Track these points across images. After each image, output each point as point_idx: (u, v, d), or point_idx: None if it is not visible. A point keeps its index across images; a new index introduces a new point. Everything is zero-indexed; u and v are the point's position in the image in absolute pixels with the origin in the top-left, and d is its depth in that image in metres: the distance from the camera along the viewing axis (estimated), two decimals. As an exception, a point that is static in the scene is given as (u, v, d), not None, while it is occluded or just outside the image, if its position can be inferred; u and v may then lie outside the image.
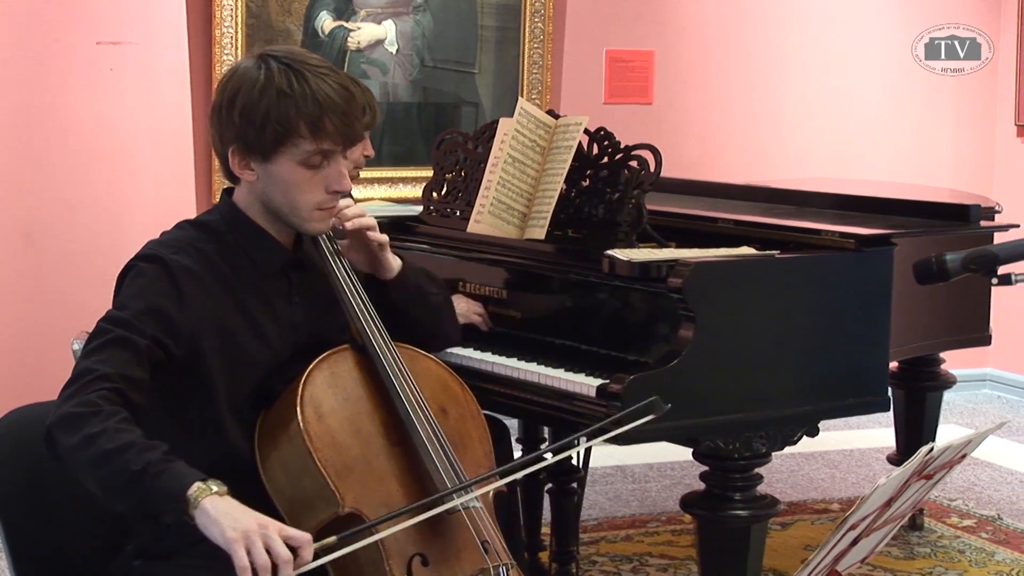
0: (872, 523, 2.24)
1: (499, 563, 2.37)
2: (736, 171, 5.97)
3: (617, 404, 2.77)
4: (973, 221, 3.92)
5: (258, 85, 2.36)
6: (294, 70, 2.36)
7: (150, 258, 2.37)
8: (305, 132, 2.35)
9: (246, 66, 2.41)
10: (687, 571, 4.22)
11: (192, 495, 2.09)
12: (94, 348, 2.25)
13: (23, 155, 5.35)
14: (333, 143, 2.38)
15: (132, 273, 2.36)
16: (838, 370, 3.13)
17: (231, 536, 2.05)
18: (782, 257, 3.10)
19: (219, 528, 2.06)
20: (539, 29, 6.01)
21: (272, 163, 2.38)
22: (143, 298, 2.31)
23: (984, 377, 6.94)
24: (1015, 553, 4.48)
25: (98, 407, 2.17)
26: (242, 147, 2.38)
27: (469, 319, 3.23)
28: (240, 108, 2.36)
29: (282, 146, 2.36)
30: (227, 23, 5.52)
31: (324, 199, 2.42)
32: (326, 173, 2.40)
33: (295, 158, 2.37)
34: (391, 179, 5.83)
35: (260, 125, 2.35)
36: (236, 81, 2.39)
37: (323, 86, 2.36)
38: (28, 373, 5.30)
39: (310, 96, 2.34)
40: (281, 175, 2.38)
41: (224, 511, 2.08)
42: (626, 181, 3.18)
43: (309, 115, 2.34)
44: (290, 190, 2.40)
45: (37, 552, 2.51)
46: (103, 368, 2.21)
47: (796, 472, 5.40)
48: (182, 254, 2.37)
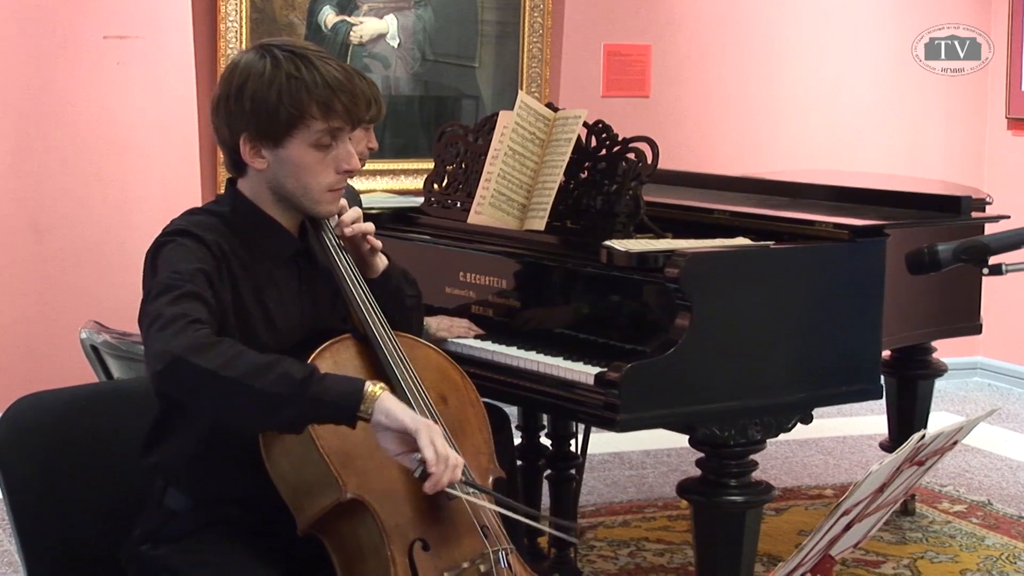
0: (865, 509, 2.24)
1: (498, 548, 2.37)
2: (732, 163, 5.97)
3: (615, 392, 2.78)
4: (964, 212, 3.91)
5: (267, 72, 2.37)
6: (298, 56, 2.39)
7: (185, 233, 2.36)
8: (317, 113, 2.37)
9: (249, 57, 2.41)
10: (683, 556, 4.23)
11: (370, 390, 2.18)
12: (171, 300, 2.21)
13: (32, 148, 5.35)
14: (343, 121, 2.40)
15: (170, 246, 2.33)
16: (832, 358, 3.13)
17: (415, 422, 2.18)
18: (777, 248, 3.10)
19: (403, 414, 2.19)
20: (538, 24, 6.00)
21: (284, 147, 2.39)
22: (193, 264, 2.29)
23: (975, 365, 6.94)
24: (1005, 538, 4.48)
25: (217, 338, 2.18)
26: (254, 133, 2.39)
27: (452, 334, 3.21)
28: (251, 95, 2.37)
29: (295, 128, 2.37)
30: (231, 17, 5.52)
31: (335, 179, 2.43)
32: (336, 153, 2.41)
33: (307, 140, 2.38)
34: (393, 171, 5.83)
35: (273, 110, 2.36)
36: (243, 71, 2.39)
37: (329, 69, 2.39)
38: (38, 361, 5.31)
39: (319, 79, 2.37)
40: (293, 159, 2.39)
41: (403, 407, 2.22)
42: (624, 173, 3.18)
43: (320, 96, 2.36)
44: (302, 173, 2.41)
45: (46, 537, 2.51)
46: (192, 314, 2.19)
47: (790, 459, 5.40)
48: (210, 233, 2.38)
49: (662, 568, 4.16)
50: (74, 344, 3.59)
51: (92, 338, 3.48)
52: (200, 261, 2.31)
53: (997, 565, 4.23)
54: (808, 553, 2.18)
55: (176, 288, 2.23)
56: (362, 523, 2.28)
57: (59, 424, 2.56)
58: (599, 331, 3.07)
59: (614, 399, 2.78)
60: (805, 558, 2.18)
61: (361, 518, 2.27)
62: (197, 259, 2.31)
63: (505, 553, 2.37)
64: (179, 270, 2.27)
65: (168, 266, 2.29)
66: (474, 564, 2.33)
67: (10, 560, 4.19)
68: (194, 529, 2.37)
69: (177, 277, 2.25)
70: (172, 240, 2.34)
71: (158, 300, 2.22)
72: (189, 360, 2.13)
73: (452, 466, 2.20)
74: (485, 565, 2.33)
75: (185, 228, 2.37)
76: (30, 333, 5.39)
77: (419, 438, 2.17)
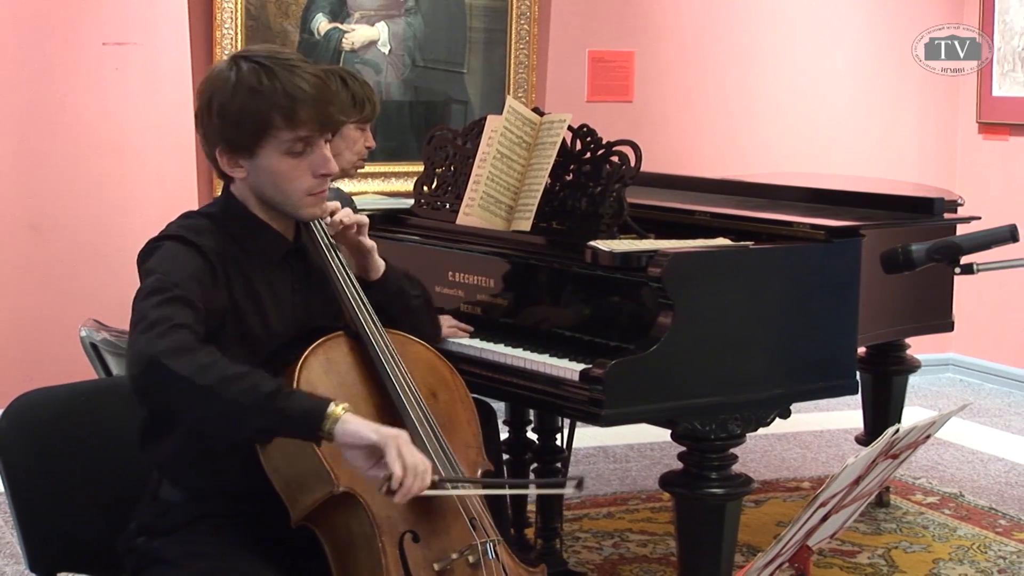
0: (841, 500, 2.24)
1: (487, 539, 2.37)
2: (712, 166, 5.96)
3: (599, 387, 2.77)
4: (937, 214, 3.92)
5: (230, 85, 2.33)
6: (264, 67, 2.34)
7: (178, 238, 2.34)
8: (281, 123, 2.33)
9: (219, 69, 2.39)
10: (666, 546, 4.23)
11: (332, 411, 2.15)
12: (158, 303, 2.20)
13: (32, 150, 5.34)
14: (310, 129, 2.35)
15: (161, 250, 2.32)
16: (809, 355, 3.13)
17: (382, 438, 2.15)
18: (756, 248, 3.10)
19: (368, 432, 2.15)
20: (525, 31, 6.00)
21: (258, 157, 2.36)
22: (183, 269, 2.28)
23: (947, 362, 6.95)
24: (976, 528, 4.49)
25: (197, 345, 2.16)
26: (227, 146, 2.37)
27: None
28: (217, 109, 2.35)
29: (263, 139, 2.34)
30: (227, 25, 5.50)
31: (313, 184, 2.40)
32: (311, 159, 2.38)
33: (278, 149, 2.35)
34: (384, 173, 5.83)
35: (237, 123, 2.33)
36: (211, 84, 2.37)
37: (293, 78, 2.33)
38: (37, 359, 5.30)
39: (280, 90, 2.32)
40: (268, 167, 2.37)
41: (365, 423, 2.18)
42: (608, 175, 3.18)
43: (282, 108, 2.32)
44: (279, 180, 2.38)
45: (47, 529, 2.50)
46: (177, 319, 2.18)
47: (769, 452, 5.41)
48: (204, 236, 2.36)
49: (645, 558, 4.16)
50: (74, 342, 3.58)
51: (91, 336, 3.47)
52: (192, 267, 2.29)
53: (968, 555, 4.23)
54: (786, 543, 2.18)
55: (165, 291, 2.22)
56: (354, 515, 2.27)
57: (59, 419, 2.56)
58: (584, 329, 3.07)
59: (599, 395, 2.78)
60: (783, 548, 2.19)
61: (353, 510, 2.27)
62: (189, 265, 2.29)
63: (493, 544, 2.37)
64: (170, 274, 2.25)
65: (159, 269, 2.27)
66: (463, 555, 2.32)
67: (12, 552, 4.18)
68: (189, 521, 2.36)
69: (167, 281, 2.24)
70: (165, 244, 2.33)
71: (147, 301, 2.21)
72: (166, 364, 2.12)
73: (421, 473, 2.17)
74: (474, 556, 2.33)
75: (178, 233, 2.35)
76: (31, 331, 5.38)
77: (387, 453, 2.14)
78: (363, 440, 2.15)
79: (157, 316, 2.17)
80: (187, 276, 2.27)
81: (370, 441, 2.15)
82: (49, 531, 2.50)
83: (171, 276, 2.25)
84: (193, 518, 2.36)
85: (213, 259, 2.33)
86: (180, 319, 2.18)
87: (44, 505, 2.50)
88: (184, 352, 2.13)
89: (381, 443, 2.15)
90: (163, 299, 2.20)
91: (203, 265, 2.31)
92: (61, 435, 2.54)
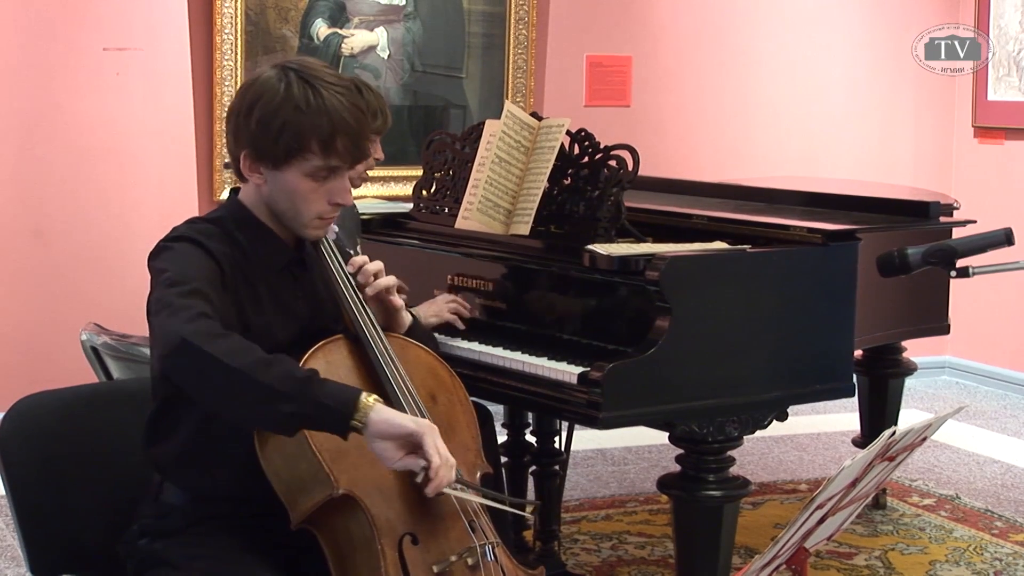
0: (838, 502, 2.24)
1: (485, 541, 2.37)
2: (709, 170, 5.97)
3: (598, 390, 2.77)
4: (933, 217, 3.93)
5: (278, 97, 2.33)
6: (312, 86, 2.33)
7: (189, 239, 2.34)
8: (316, 149, 2.33)
9: (268, 76, 2.38)
10: (664, 549, 4.23)
11: (365, 400, 2.14)
12: (180, 293, 2.19)
13: (34, 156, 5.34)
14: (341, 160, 2.36)
15: (174, 250, 2.31)
16: (806, 358, 3.13)
17: (419, 427, 2.16)
18: (753, 251, 3.10)
19: (405, 420, 2.16)
20: (523, 36, 6.00)
21: (281, 171, 2.36)
22: (197, 269, 2.28)
23: (943, 364, 6.95)
24: (972, 530, 4.49)
25: (225, 331, 2.16)
26: (254, 152, 2.37)
27: (443, 318, 3.22)
28: (258, 117, 2.34)
29: (293, 158, 2.34)
30: (227, 30, 5.51)
31: (326, 209, 2.41)
32: (330, 186, 2.38)
33: (303, 170, 2.35)
34: (384, 178, 5.83)
35: (275, 136, 2.33)
36: (257, 89, 2.37)
37: (337, 105, 2.33)
38: (39, 362, 5.29)
39: (324, 114, 2.32)
40: (288, 184, 2.37)
41: (400, 413, 2.19)
42: (605, 179, 3.18)
43: (322, 133, 2.32)
44: (295, 198, 2.38)
45: (48, 532, 2.50)
46: (200, 308, 2.18)
47: (766, 455, 5.41)
48: (214, 240, 2.36)
49: (643, 560, 4.16)
50: (75, 345, 3.58)
51: (92, 340, 3.47)
52: (205, 268, 2.30)
53: (965, 556, 4.24)
54: (784, 545, 2.18)
55: (184, 284, 2.22)
56: (353, 517, 2.27)
57: (60, 423, 2.56)
58: (582, 332, 3.07)
59: (597, 397, 2.78)
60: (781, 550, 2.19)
61: (352, 513, 2.27)
62: (202, 265, 2.30)
63: (492, 547, 2.37)
64: (185, 271, 2.26)
65: (175, 266, 2.27)
66: (462, 557, 2.32)
67: (13, 554, 4.18)
68: (190, 523, 2.36)
69: (185, 276, 2.25)
70: (177, 245, 2.33)
71: (168, 290, 2.21)
72: (198, 345, 2.11)
73: (451, 466, 2.20)
74: (472, 558, 2.33)
75: (190, 235, 2.35)
76: (32, 335, 5.38)
77: (425, 442, 2.15)
78: (400, 428, 2.15)
79: (181, 304, 2.17)
80: (201, 275, 2.27)
81: (408, 430, 2.15)
82: (50, 534, 2.50)
83: (187, 273, 2.26)
84: (194, 520, 2.36)
85: (222, 263, 2.33)
86: (203, 309, 2.19)
87: (45, 508, 2.50)
88: (215, 336, 2.14)
89: (419, 431, 2.15)
90: (184, 290, 2.21)
91: (214, 267, 2.32)
92: (62, 438, 2.54)
